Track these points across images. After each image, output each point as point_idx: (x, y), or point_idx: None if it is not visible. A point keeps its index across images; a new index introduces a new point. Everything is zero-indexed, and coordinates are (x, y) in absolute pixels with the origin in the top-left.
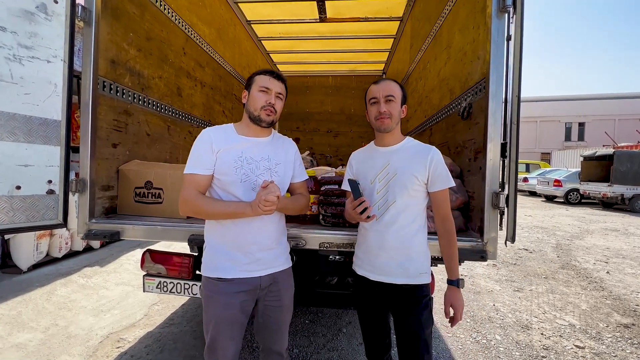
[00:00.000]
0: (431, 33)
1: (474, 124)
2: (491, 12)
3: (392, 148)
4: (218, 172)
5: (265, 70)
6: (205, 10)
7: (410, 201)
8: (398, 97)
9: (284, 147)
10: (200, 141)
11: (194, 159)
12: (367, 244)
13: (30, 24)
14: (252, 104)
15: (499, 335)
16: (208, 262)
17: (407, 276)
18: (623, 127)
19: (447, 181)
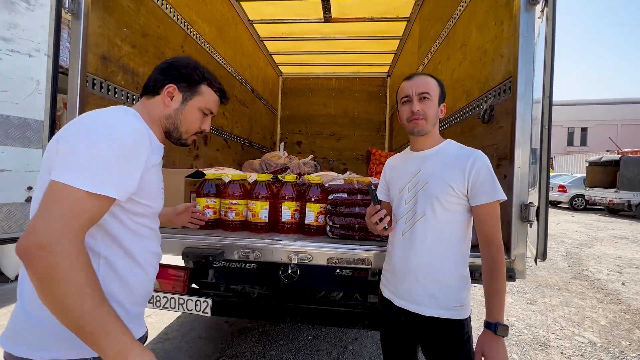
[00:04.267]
0: (442, 33)
1: (497, 128)
2: (519, 5)
3: (426, 152)
4: (141, 194)
5: (217, 85)
6: (206, 8)
7: (445, 216)
8: (435, 94)
9: None
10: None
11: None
12: (392, 263)
13: (9, 14)
14: (185, 121)
15: (516, 355)
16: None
17: (438, 307)
18: (626, 132)
19: (492, 193)
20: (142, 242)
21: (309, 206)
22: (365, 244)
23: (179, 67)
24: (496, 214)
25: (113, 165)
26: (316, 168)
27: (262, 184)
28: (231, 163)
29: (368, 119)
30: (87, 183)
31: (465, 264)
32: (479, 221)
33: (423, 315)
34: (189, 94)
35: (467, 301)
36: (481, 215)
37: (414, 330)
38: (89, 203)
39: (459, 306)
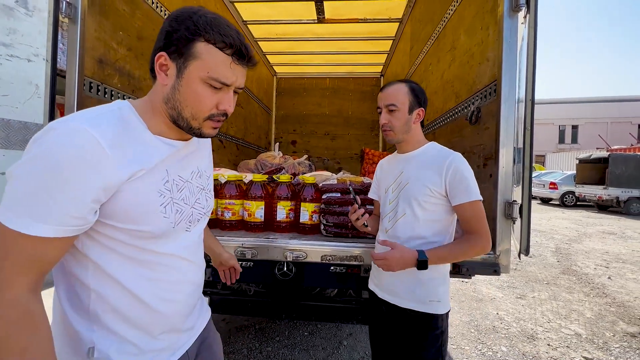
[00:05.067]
0: (433, 34)
1: (484, 129)
2: (503, 11)
3: (408, 155)
4: (122, 219)
5: (225, 38)
6: None
7: (424, 215)
8: (403, 104)
9: (206, 148)
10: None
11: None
12: None
13: (8, 20)
14: (187, 102)
15: (505, 347)
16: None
17: (413, 300)
18: (615, 130)
19: (467, 193)
20: (143, 271)
21: (303, 205)
22: (357, 242)
23: (168, 24)
24: (477, 212)
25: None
26: (311, 168)
27: (257, 184)
28: (226, 163)
29: (362, 119)
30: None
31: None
32: (461, 220)
33: (401, 307)
34: (182, 61)
35: (444, 297)
36: (462, 214)
37: (394, 321)
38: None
39: (435, 301)
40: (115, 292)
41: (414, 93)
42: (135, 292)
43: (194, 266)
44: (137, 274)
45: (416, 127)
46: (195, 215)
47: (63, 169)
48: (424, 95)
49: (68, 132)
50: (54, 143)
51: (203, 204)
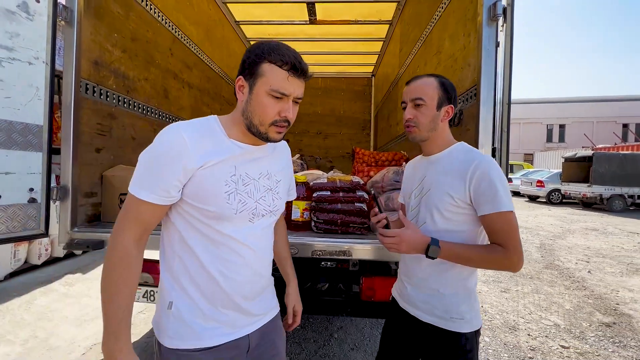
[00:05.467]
0: (421, 38)
1: (465, 131)
2: (482, 20)
3: (431, 158)
4: (198, 200)
5: (282, 58)
6: (193, 10)
7: (446, 225)
8: (431, 98)
9: (281, 156)
10: (167, 148)
11: (149, 175)
12: (400, 266)
13: (11, 24)
14: (256, 111)
15: (488, 337)
16: (184, 327)
17: (434, 315)
18: (601, 129)
19: (495, 203)
20: (211, 246)
21: (295, 203)
22: (346, 238)
23: (244, 54)
24: (507, 225)
25: (147, 169)
26: (303, 167)
27: None
28: None
29: (354, 118)
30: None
31: (470, 277)
32: (488, 232)
33: (420, 321)
34: (252, 80)
35: (468, 315)
36: (489, 226)
37: (414, 334)
38: (134, 206)
39: (457, 318)
40: (192, 261)
41: (443, 87)
42: (204, 264)
43: (255, 255)
44: (206, 249)
45: (444, 125)
46: (259, 210)
47: (159, 157)
48: (454, 91)
49: (167, 132)
50: (158, 140)
51: (269, 202)
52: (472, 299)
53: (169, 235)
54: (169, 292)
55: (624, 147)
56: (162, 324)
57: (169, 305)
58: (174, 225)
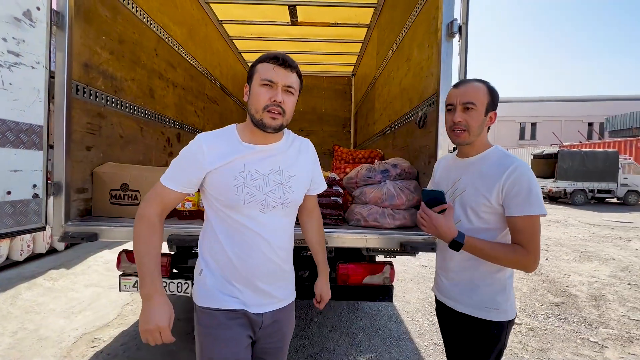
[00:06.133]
0: (395, 43)
1: (428, 132)
2: (441, 35)
3: (468, 160)
4: (215, 192)
5: (268, 56)
6: (177, 11)
7: (480, 224)
8: (481, 104)
9: (302, 153)
10: (189, 152)
11: (174, 170)
12: (436, 261)
13: (17, 30)
14: (252, 103)
15: None
16: (207, 291)
17: (469, 306)
18: (569, 128)
19: (524, 207)
20: (229, 231)
21: None
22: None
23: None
24: (530, 228)
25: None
26: None
27: None
28: None
29: (335, 116)
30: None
31: (504, 269)
32: (512, 231)
33: (457, 311)
34: (250, 80)
35: (503, 306)
36: (514, 226)
37: (453, 325)
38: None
39: (492, 309)
40: (215, 241)
41: (491, 94)
42: (223, 245)
43: (266, 242)
44: (225, 233)
45: (485, 130)
46: (268, 202)
47: (183, 159)
48: (498, 98)
49: (193, 141)
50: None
51: (279, 195)
52: (508, 291)
53: (205, 220)
54: (201, 262)
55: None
56: (195, 287)
57: (199, 272)
58: (207, 213)
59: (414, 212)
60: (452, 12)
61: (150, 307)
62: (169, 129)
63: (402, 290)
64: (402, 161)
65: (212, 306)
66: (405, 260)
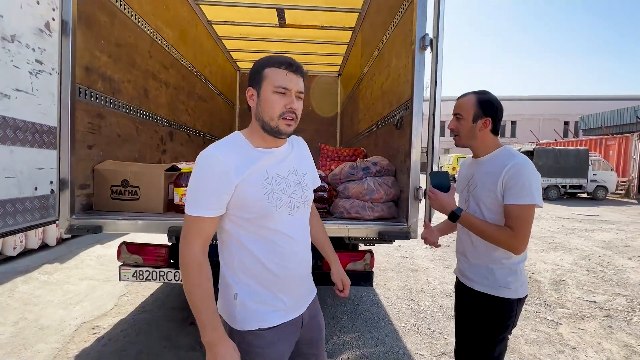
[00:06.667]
0: (378, 47)
1: (404, 134)
2: (415, 47)
3: (479, 160)
4: (241, 209)
5: (279, 60)
6: (169, 14)
7: (490, 215)
8: (468, 113)
9: (301, 151)
10: (212, 172)
11: (201, 196)
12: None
13: (41, 41)
14: (265, 110)
15: (428, 302)
16: (249, 313)
17: (485, 285)
18: (546, 126)
19: (516, 196)
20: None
21: None
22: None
23: (250, 71)
24: (521, 214)
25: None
26: None
27: None
28: (194, 156)
29: (321, 114)
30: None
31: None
32: (505, 218)
33: (475, 290)
34: (258, 86)
35: (513, 285)
36: (507, 213)
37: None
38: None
39: (504, 287)
40: (248, 257)
41: (479, 104)
42: (259, 257)
43: (298, 243)
44: (259, 245)
45: (483, 134)
46: (294, 203)
47: (207, 179)
48: (492, 105)
49: (206, 157)
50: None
51: (300, 195)
52: (518, 273)
53: (226, 240)
54: (233, 286)
55: (563, 142)
56: (231, 312)
57: (234, 297)
58: (229, 231)
59: (391, 205)
60: (425, 27)
61: (217, 356)
62: (162, 128)
63: (383, 279)
64: (382, 159)
65: (258, 327)
66: (388, 252)
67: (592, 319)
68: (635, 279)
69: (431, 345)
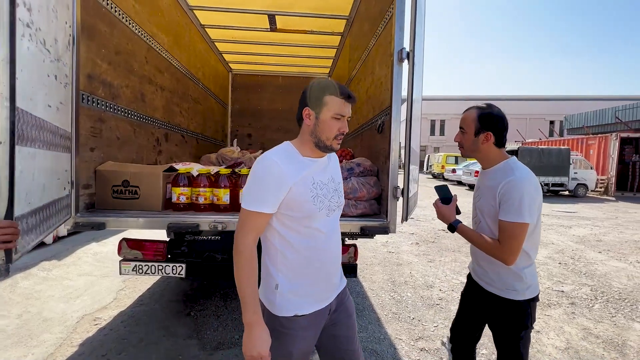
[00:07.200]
0: (363, 55)
1: (384, 138)
2: (393, 60)
3: (485, 172)
4: (291, 208)
5: (339, 90)
6: (164, 19)
7: (494, 225)
8: (470, 127)
9: (335, 163)
10: (270, 174)
11: (263, 192)
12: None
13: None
14: (323, 131)
15: (410, 293)
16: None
17: (494, 287)
18: (532, 125)
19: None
20: (305, 239)
21: None
22: None
23: (308, 92)
24: (509, 232)
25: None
26: None
27: (224, 176)
28: (188, 156)
29: None
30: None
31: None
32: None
33: (486, 290)
34: (318, 109)
35: (521, 289)
36: (499, 227)
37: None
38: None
39: (511, 290)
40: (290, 252)
41: (480, 119)
42: (300, 252)
43: (332, 241)
44: (301, 241)
45: (486, 147)
46: (331, 206)
47: (265, 179)
48: (491, 120)
49: (265, 162)
50: (260, 167)
51: (336, 200)
52: (525, 278)
53: (271, 236)
54: (274, 277)
55: (548, 142)
56: (270, 299)
57: (275, 287)
58: (275, 228)
59: (373, 203)
60: (402, 41)
61: (252, 335)
62: (157, 130)
63: (369, 273)
64: (365, 160)
65: (294, 314)
66: (375, 247)
67: (558, 307)
68: (602, 270)
69: (410, 331)
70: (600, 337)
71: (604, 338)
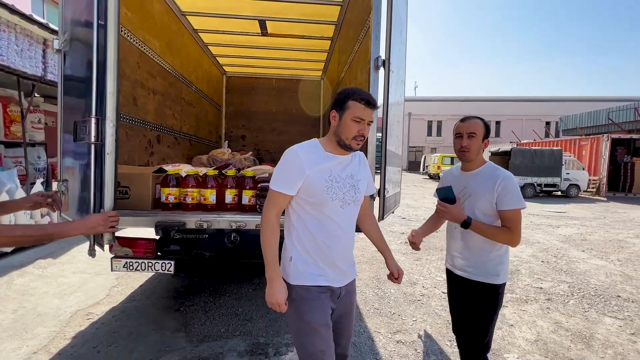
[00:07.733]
0: (350, 58)
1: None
2: (370, 67)
3: (470, 173)
4: (307, 193)
5: (361, 97)
6: (156, 25)
7: (485, 219)
8: (480, 133)
9: (361, 163)
10: (292, 163)
11: (285, 176)
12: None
13: None
14: (343, 131)
15: (393, 290)
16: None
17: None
18: (528, 126)
19: (510, 203)
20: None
21: (244, 192)
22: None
23: (335, 97)
24: (514, 217)
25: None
26: (255, 162)
27: (211, 177)
28: (181, 157)
29: (305, 116)
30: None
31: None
32: (502, 220)
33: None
34: (342, 112)
35: (501, 273)
36: (503, 217)
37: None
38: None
39: (494, 275)
40: (304, 231)
41: (485, 127)
42: (313, 233)
43: (343, 231)
44: (314, 224)
45: (481, 152)
46: (346, 199)
47: (288, 166)
48: (490, 131)
49: (291, 152)
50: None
51: (352, 195)
52: (504, 262)
53: (290, 215)
54: (290, 250)
55: (542, 143)
56: (286, 269)
57: (290, 259)
58: (294, 209)
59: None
60: (378, 50)
61: (272, 287)
62: (149, 132)
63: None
64: None
65: (306, 283)
66: (364, 247)
67: (535, 302)
68: (582, 268)
69: (389, 325)
70: (569, 330)
71: (574, 331)
